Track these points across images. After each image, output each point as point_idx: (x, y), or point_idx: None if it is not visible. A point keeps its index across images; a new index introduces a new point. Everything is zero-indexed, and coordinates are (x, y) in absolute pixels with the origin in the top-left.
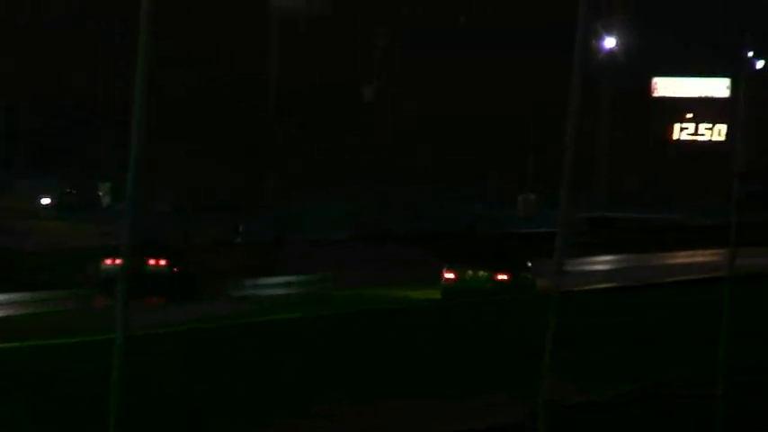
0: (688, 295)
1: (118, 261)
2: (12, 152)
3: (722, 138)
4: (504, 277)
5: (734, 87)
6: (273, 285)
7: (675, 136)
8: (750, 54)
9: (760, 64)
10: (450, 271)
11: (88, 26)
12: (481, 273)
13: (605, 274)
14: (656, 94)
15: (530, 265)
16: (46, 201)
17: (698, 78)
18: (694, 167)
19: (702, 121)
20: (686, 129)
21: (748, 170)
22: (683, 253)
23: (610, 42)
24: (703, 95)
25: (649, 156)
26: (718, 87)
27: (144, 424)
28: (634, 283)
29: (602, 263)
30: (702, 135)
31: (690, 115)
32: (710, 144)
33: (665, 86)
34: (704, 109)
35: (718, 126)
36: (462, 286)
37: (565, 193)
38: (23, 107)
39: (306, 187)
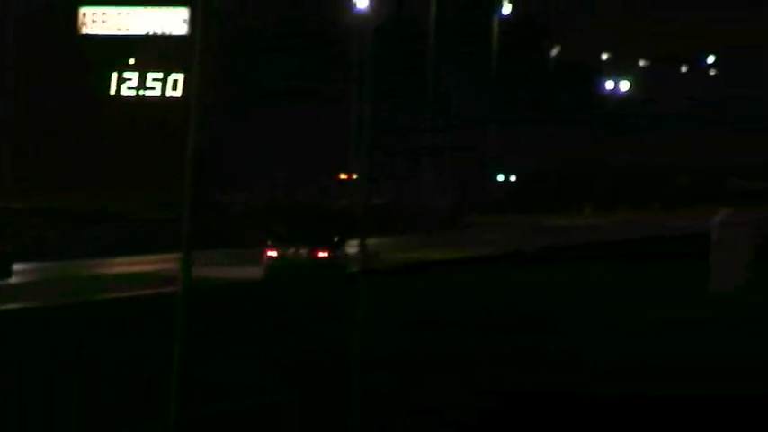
0: None
1: None
2: None
3: (178, 93)
4: (325, 254)
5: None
6: None
7: (115, 91)
8: None
9: None
10: (272, 248)
11: None
12: (302, 250)
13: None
14: (86, 31)
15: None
16: None
17: (143, 8)
18: (141, 136)
19: (151, 70)
20: (129, 80)
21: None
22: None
23: None
24: (153, 33)
25: (79, 121)
26: (172, 21)
27: None
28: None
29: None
30: (153, 89)
31: (131, 61)
32: (164, 101)
33: (98, 20)
34: (154, 52)
35: (172, 76)
36: (284, 263)
37: None
38: None
39: None
